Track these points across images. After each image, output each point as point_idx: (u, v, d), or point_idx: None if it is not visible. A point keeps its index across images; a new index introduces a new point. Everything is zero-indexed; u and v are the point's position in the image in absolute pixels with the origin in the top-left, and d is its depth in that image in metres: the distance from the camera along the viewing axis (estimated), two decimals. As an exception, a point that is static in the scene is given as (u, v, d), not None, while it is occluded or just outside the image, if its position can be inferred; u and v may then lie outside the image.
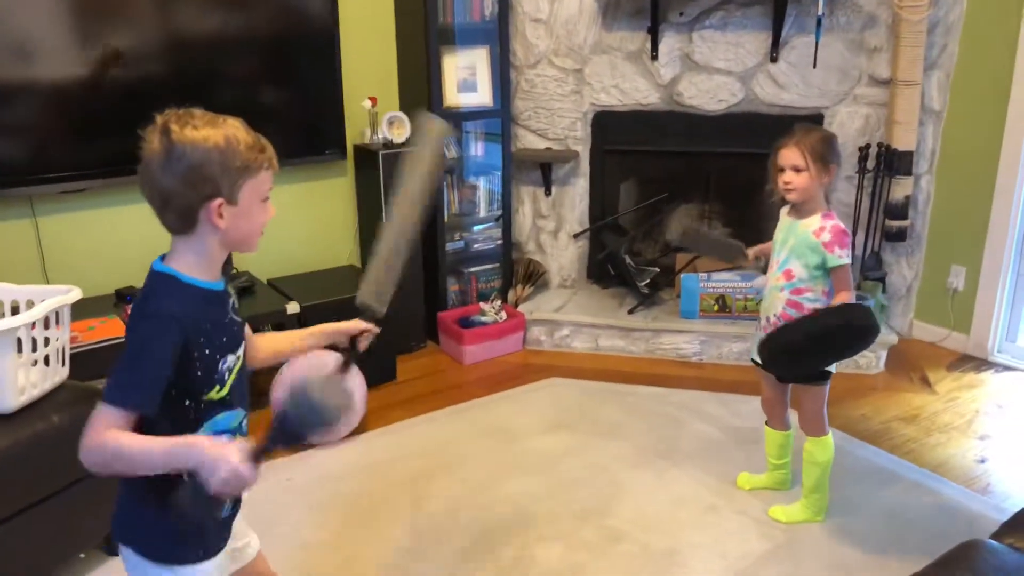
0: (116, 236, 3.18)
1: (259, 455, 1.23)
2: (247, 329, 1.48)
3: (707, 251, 2.84)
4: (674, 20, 3.66)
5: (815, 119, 3.68)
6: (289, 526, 2.49)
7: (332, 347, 1.60)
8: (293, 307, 3.14)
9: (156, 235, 1.34)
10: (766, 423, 2.62)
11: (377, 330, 1.61)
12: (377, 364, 3.34)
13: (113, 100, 3.02)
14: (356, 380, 1.44)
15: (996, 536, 1.62)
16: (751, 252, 2.52)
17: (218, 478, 1.18)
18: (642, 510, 2.55)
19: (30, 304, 2.23)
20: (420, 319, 3.78)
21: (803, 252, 2.28)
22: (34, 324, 2.08)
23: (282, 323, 3.12)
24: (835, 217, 2.28)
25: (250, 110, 3.37)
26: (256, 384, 1.70)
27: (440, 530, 2.47)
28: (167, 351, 1.24)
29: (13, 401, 2.04)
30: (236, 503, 1.49)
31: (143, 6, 3.01)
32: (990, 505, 2.59)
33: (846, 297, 2.23)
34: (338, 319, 1.63)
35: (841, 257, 2.23)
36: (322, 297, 3.27)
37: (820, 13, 3.41)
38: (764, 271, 2.48)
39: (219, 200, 1.27)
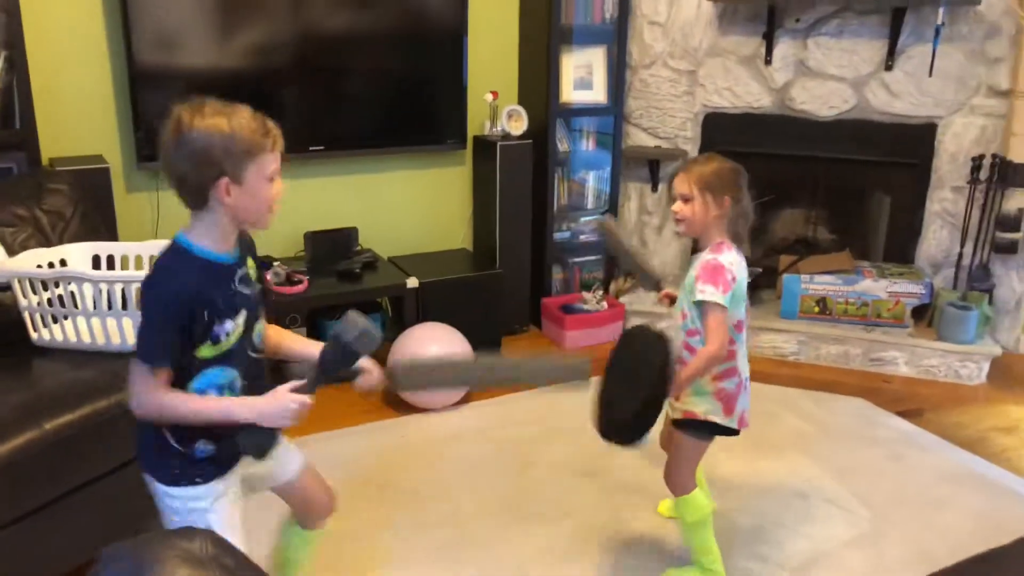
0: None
1: (312, 386, 1.52)
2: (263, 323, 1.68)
3: (624, 262, 2.45)
4: (790, 26, 3.74)
5: (928, 128, 3.70)
6: (403, 478, 2.73)
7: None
8: (412, 282, 3.40)
9: (292, 209, 1.54)
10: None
11: (378, 387, 1.76)
12: (485, 343, 3.54)
13: (260, 87, 3.33)
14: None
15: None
16: (666, 294, 2.27)
17: (280, 419, 1.49)
18: (731, 490, 2.67)
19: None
20: (525, 303, 3.98)
21: (688, 291, 2.07)
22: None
23: (402, 296, 3.39)
24: (725, 251, 2.02)
25: (380, 101, 3.67)
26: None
27: (544, 490, 2.66)
28: (174, 321, 1.45)
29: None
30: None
31: (290, 5, 3.30)
32: (1086, 516, 2.60)
33: (711, 349, 1.95)
34: (454, 296, 1.84)
35: (703, 292, 1.97)
36: (438, 275, 3.51)
37: (939, 23, 3.44)
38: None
39: (225, 180, 1.42)
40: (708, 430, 2.13)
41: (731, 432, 2.14)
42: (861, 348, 3.67)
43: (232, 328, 1.53)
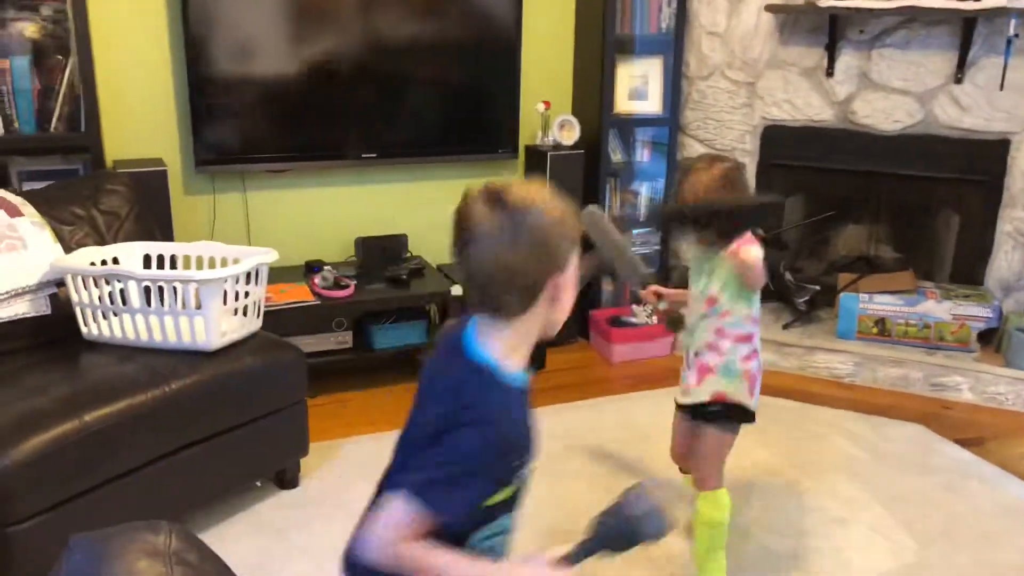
0: (310, 214, 3.56)
1: (577, 558, 1.21)
2: None
3: (608, 256, 2.21)
4: (853, 37, 3.63)
5: (1000, 145, 3.53)
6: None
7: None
8: (457, 290, 3.41)
9: (344, 215, 1.42)
10: (683, 471, 2.42)
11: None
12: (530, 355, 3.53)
13: (315, 95, 3.40)
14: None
15: None
16: (654, 290, 2.20)
17: None
18: (768, 513, 2.59)
19: (236, 261, 2.58)
20: (573, 315, 3.92)
21: (712, 270, 2.07)
22: (238, 278, 2.43)
23: (447, 304, 3.41)
24: (750, 243, 1.99)
25: (433, 109, 3.69)
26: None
27: (575, 503, 2.63)
28: (496, 472, 1.15)
29: (216, 341, 2.40)
30: None
31: (347, 14, 3.37)
32: None
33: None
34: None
35: (747, 253, 1.95)
36: (484, 284, 3.50)
37: (1012, 34, 3.29)
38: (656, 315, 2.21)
39: (561, 275, 1.14)
40: (733, 418, 2.12)
41: (750, 419, 2.13)
42: (922, 372, 3.52)
43: (529, 469, 1.24)
